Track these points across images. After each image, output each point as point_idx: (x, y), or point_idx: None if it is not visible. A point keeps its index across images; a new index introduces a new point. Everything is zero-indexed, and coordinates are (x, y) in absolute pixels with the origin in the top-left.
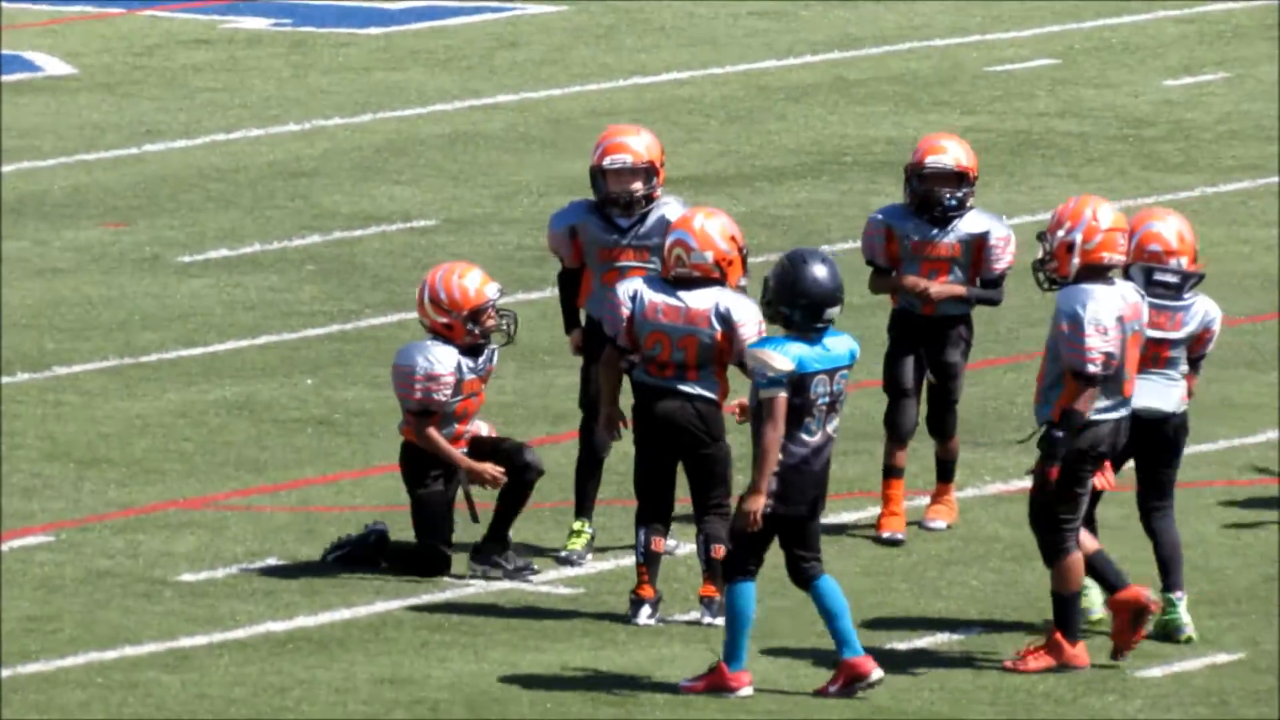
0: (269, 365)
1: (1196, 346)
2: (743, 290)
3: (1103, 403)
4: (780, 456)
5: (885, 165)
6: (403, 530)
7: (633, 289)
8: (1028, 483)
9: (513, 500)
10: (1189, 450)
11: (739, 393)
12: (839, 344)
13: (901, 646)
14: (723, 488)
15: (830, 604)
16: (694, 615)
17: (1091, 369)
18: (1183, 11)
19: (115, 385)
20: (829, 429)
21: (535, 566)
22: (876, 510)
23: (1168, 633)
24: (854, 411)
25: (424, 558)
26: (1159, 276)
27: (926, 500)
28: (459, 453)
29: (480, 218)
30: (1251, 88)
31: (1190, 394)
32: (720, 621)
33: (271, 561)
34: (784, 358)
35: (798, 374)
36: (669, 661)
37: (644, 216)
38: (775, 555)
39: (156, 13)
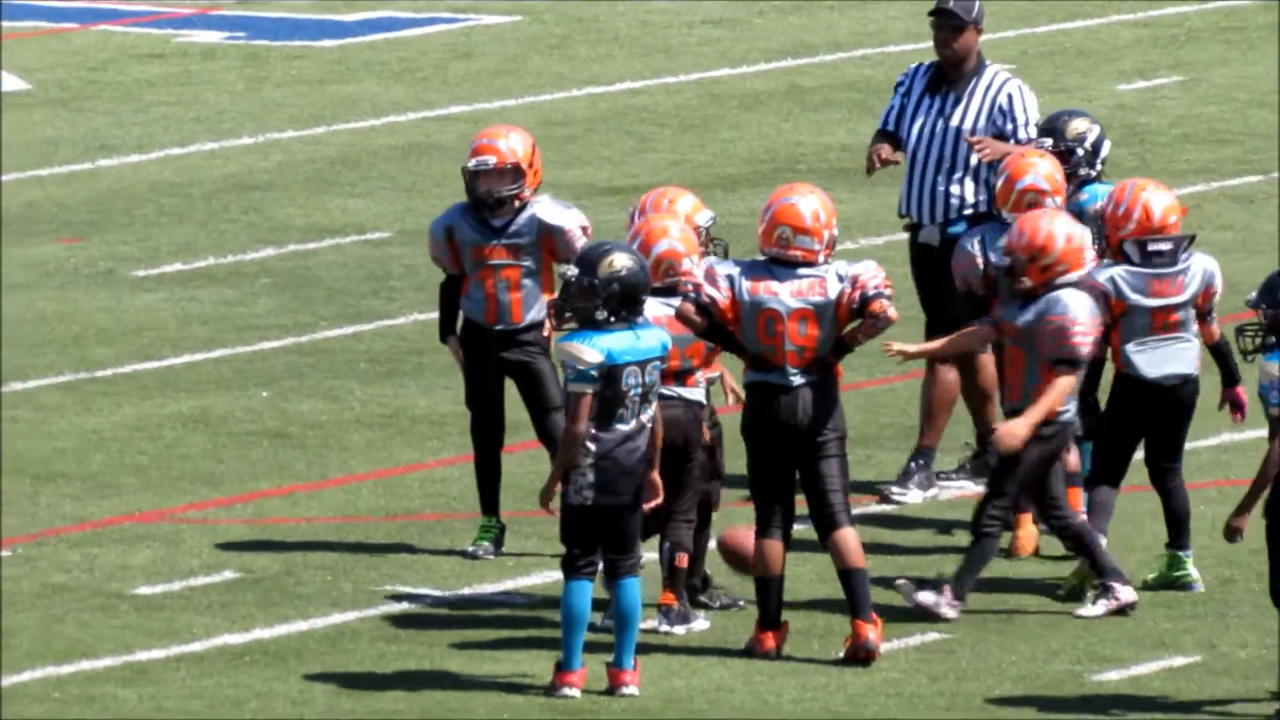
0: (224, 379)
1: (1202, 303)
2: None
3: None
4: (593, 447)
5: (840, 173)
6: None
7: None
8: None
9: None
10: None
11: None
12: (650, 336)
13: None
14: (691, 494)
15: (624, 608)
16: (650, 624)
17: None
18: (1136, 15)
19: (70, 400)
20: (643, 418)
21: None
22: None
23: (1181, 587)
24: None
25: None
26: (1153, 247)
27: None
28: None
29: None
30: (1205, 91)
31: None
32: (679, 630)
33: (228, 574)
34: (593, 350)
35: (608, 366)
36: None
37: (516, 215)
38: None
39: (110, 27)
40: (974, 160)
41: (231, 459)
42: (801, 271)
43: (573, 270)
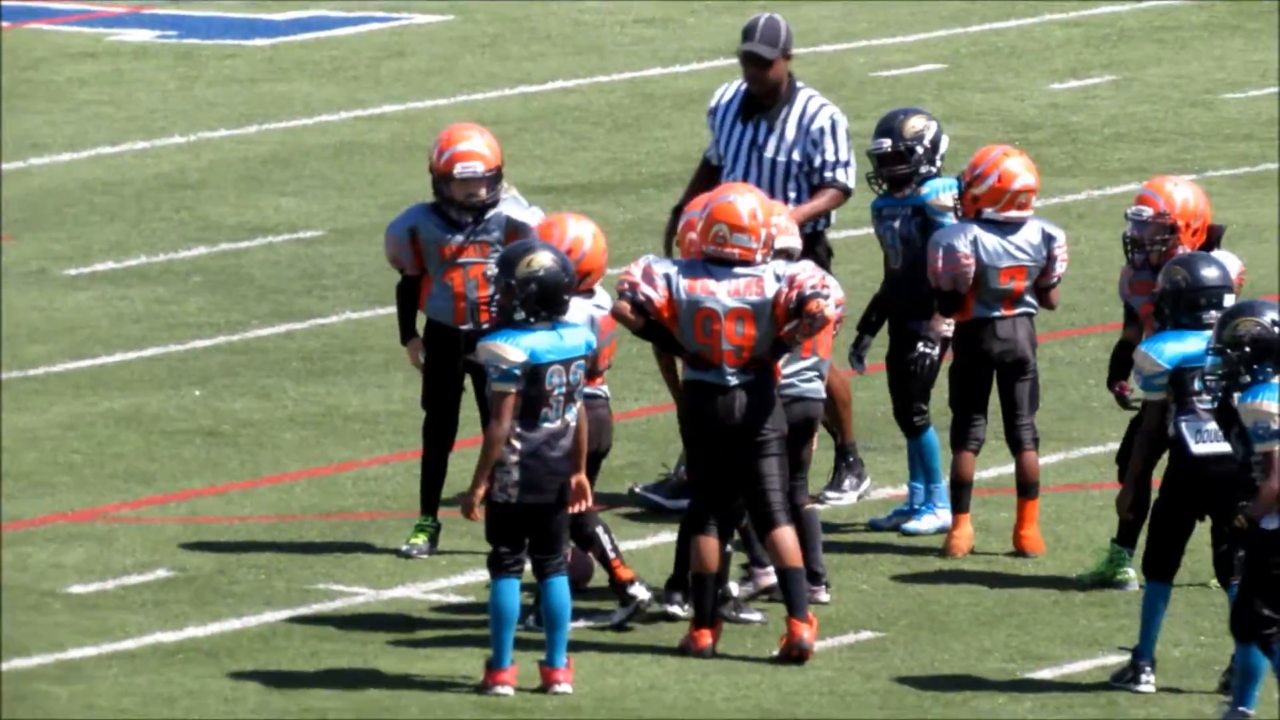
0: (156, 377)
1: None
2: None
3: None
4: (518, 445)
5: None
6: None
7: None
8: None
9: None
10: (1078, 453)
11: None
12: (574, 335)
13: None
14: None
15: (554, 607)
16: (582, 624)
17: None
18: (1069, 15)
19: (3, 398)
20: (568, 418)
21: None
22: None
23: (1115, 585)
24: None
25: None
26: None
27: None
28: None
29: (367, 228)
30: (1138, 90)
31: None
32: (678, 609)
33: (161, 573)
34: (517, 349)
35: (531, 365)
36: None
37: (484, 213)
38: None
39: (42, 26)
40: (791, 192)
41: (164, 457)
42: (739, 271)
43: (493, 269)
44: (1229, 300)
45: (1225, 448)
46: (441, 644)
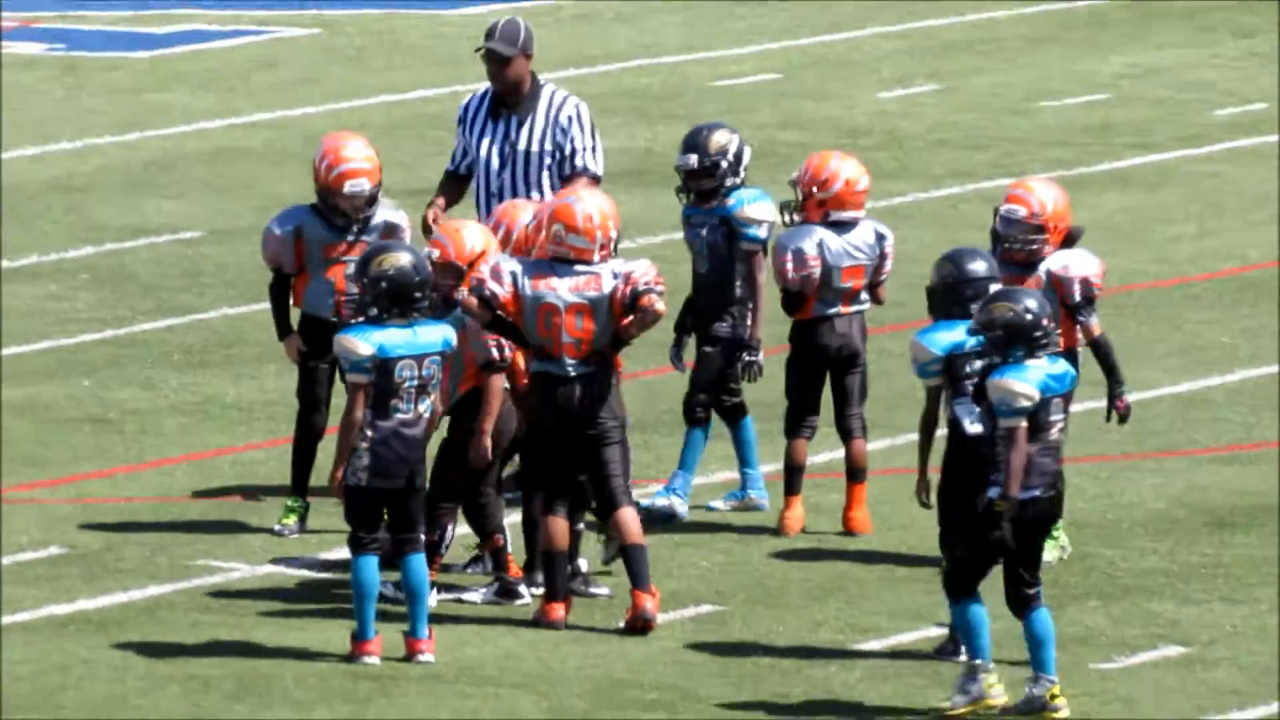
0: (48, 368)
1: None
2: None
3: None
4: (370, 433)
5: (621, 176)
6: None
7: None
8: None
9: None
10: (903, 439)
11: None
12: (430, 332)
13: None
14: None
15: (413, 583)
16: (440, 596)
17: None
18: (896, 28)
19: None
20: (420, 409)
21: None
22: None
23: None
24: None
25: None
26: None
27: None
28: None
29: (243, 229)
30: (961, 99)
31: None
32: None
33: (53, 550)
34: (366, 344)
35: (380, 359)
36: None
37: (367, 220)
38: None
39: None
40: (545, 181)
41: (56, 443)
42: (579, 269)
43: (351, 267)
44: (994, 290)
45: None
46: (312, 616)
